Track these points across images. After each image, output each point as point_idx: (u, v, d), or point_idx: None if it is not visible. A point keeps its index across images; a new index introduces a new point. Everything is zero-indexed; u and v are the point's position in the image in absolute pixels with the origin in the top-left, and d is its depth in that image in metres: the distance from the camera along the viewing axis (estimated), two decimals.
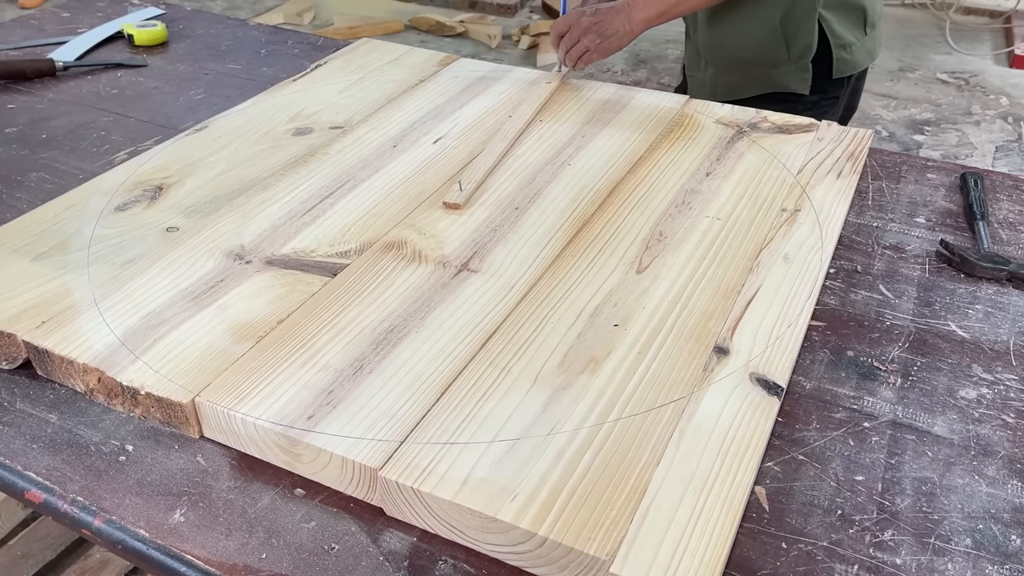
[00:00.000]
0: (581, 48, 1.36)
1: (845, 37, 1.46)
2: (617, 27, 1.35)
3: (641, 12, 1.35)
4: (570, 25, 1.36)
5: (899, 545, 0.70)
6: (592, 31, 1.35)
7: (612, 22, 1.35)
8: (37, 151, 1.27)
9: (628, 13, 1.35)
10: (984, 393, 0.85)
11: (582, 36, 1.35)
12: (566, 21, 1.38)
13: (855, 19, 1.47)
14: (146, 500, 0.75)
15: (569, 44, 1.37)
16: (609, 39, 1.35)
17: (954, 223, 1.12)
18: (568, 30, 1.36)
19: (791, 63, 1.46)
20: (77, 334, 0.87)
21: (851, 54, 1.48)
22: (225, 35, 1.69)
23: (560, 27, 1.38)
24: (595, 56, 1.37)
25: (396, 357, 0.84)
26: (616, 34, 1.35)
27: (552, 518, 0.68)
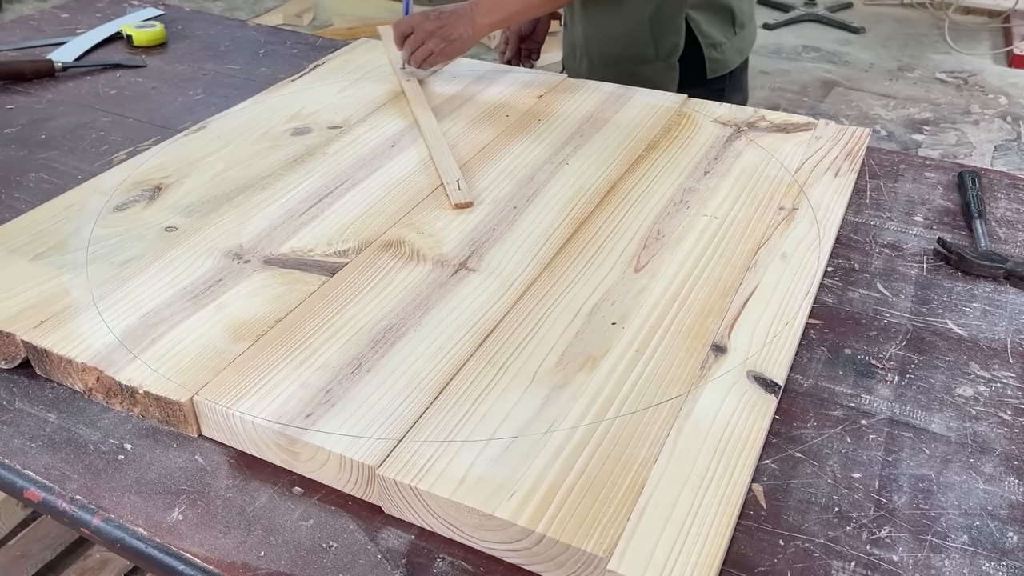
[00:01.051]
0: (426, 51, 1.36)
1: (714, 37, 1.48)
2: (460, 31, 1.35)
3: (484, 17, 1.36)
4: (413, 27, 1.37)
5: (896, 542, 0.71)
6: (436, 35, 1.35)
7: (456, 26, 1.36)
8: (36, 151, 1.27)
9: (471, 17, 1.36)
10: (981, 391, 0.85)
11: (426, 39, 1.36)
12: (409, 23, 1.38)
13: (723, 19, 1.48)
14: (145, 498, 0.75)
15: (414, 46, 1.37)
16: (453, 43, 1.36)
17: (952, 221, 1.12)
18: (412, 32, 1.37)
19: (659, 61, 1.48)
20: (76, 333, 0.87)
21: (722, 53, 1.49)
22: (224, 36, 1.70)
23: (403, 28, 1.38)
24: (439, 59, 1.38)
25: (394, 356, 0.84)
26: (460, 38, 1.36)
27: (550, 515, 0.68)
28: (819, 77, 3.83)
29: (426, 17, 1.37)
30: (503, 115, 1.32)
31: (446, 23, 1.36)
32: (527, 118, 1.31)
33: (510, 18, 1.40)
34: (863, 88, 3.73)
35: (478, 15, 1.36)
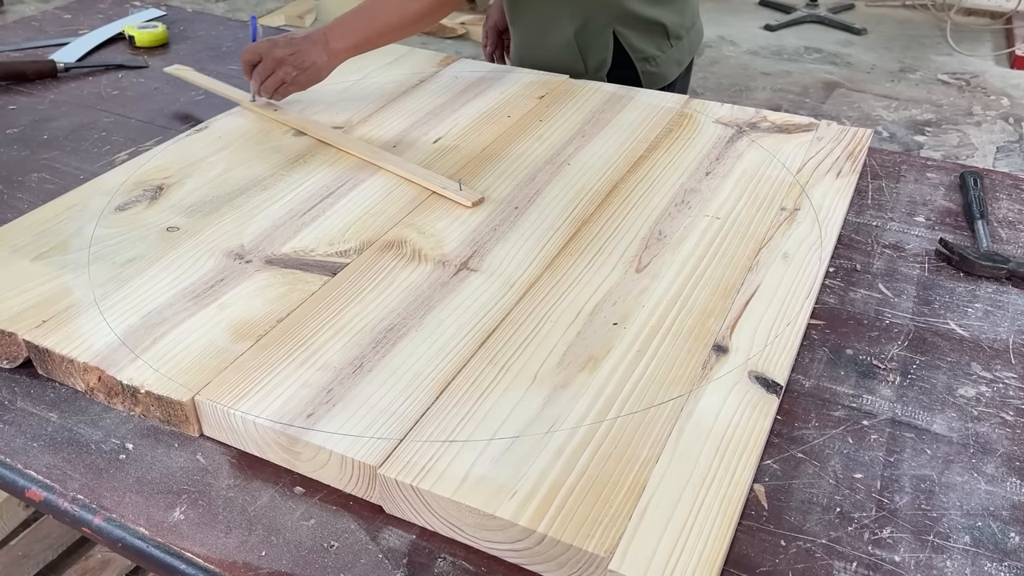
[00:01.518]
0: (276, 80, 1.25)
1: (646, 51, 1.45)
2: (315, 58, 1.26)
3: (339, 41, 1.27)
4: (261, 55, 1.26)
5: (898, 542, 0.70)
6: (288, 63, 1.25)
7: (309, 53, 1.26)
8: (38, 151, 1.27)
9: (325, 43, 1.26)
10: (983, 391, 0.85)
11: (276, 68, 1.25)
12: (256, 50, 1.27)
13: (655, 33, 1.45)
14: (146, 498, 0.75)
15: (263, 75, 1.26)
16: (307, 71, 1.26)
17: (953, 222, 1.12)
18: (260, 60, 1.26)
19: (588, 75, 1.47)
20: (77, 333, 0.87)
21: (657, 66, 1.47)
22: (226, 36, 1.70)
23: (250, 56, 1.27)
24: (292, 88, 1.27)
25: (395, 355, 0.84)
26: (314, 65, 1.26)
27: (551, 515, 0.68)
28: (821, 78, 3.83)
29: (275, 44, 1.26)
30: (505, 115, 1.32)
31: (298, 49, 1.25)
32: (529, 118, 1.31)
33: (369, 41, 1.29)
34: (865, 89, 3.73)
35: (333, 39, 1.27)
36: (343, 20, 1.29)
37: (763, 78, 3.84)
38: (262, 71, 1.26)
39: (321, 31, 1.27)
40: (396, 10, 1.28)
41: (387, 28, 1.29)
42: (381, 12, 1.28)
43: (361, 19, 1.29)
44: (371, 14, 1.29)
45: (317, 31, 1.27)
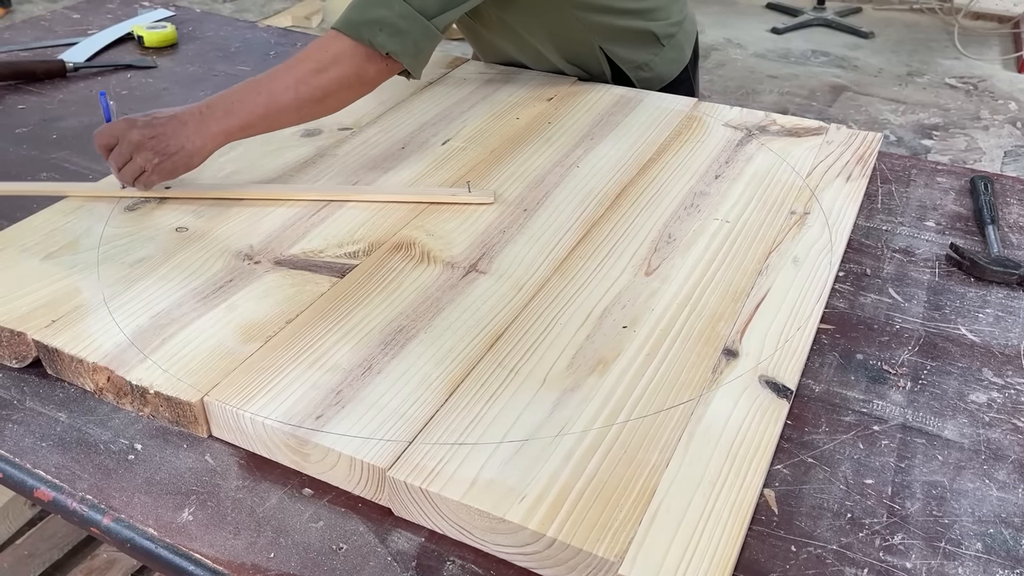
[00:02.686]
0: (135, 168, 1.05)
1: (637, 59, 1.41)
2: (182, 143, 1.05)
3: (219, 123, 1.06)
4: (117, 137, 1.05)
5: (909, 549, 0.70)
6: (147, 148, 1.04)
7: (175, 136, 1.05)
8: (47, 151, 1.27)
9: (200, 124, 1.06)
10: (994, 397, 0.85)
11: (135, 152, 1.04)
12: (111, 132, 1.06)
13: (643, 40, 1.40)
14: (155, 499, 0.75)
15: (120, 161, 1.06)
16: (171, 157, 1.04)
17: (964, 227, 1.11)
18: (116, 143, 1.06)
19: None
20: (86, 333, 0.87)
21: (651, 70, 1.43)
22: (234, 37, 1.70)
23: (106, 139, 1.06)
24: (155, 178, 1.06)
25: (405, 357, 0.84)
26: (181, 151, 1.05)
27: (561, 519, 0.68)
28: (828, 82, 3.83)
29: (132, 124, 1.05)
30: (514, 117, 1.32)
31: (161, 132, 1.04)
32: (538, 121, 1.31)
33: (253, 125, 1.08)
34: (872, 93, 3.72)
35: (211, 119, 1.06)
36: (226, 96, 1.08)
37: (770, 81, 3.83)
38: (118, 156, 1.05)
39: (195, 109, 1.07)
40: (290, 87, 1.08)
41: (275, 109, 1.08)
42: (273, 90, 1.08)
43: (249, 96, 1.08)
44: (260, 92, 1.08)
45: (189, 109, 1.07)
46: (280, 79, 1.08)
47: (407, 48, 1.12)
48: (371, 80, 1.14)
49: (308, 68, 1.09)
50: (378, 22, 1.09)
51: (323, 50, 1.10)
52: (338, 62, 1.09)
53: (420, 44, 1.13)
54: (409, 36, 1.11)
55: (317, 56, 1.09)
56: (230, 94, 1.08)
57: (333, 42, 1.10)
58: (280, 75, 1.09)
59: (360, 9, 1.11)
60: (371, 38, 1.09)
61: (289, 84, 1.08)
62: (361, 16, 1.10)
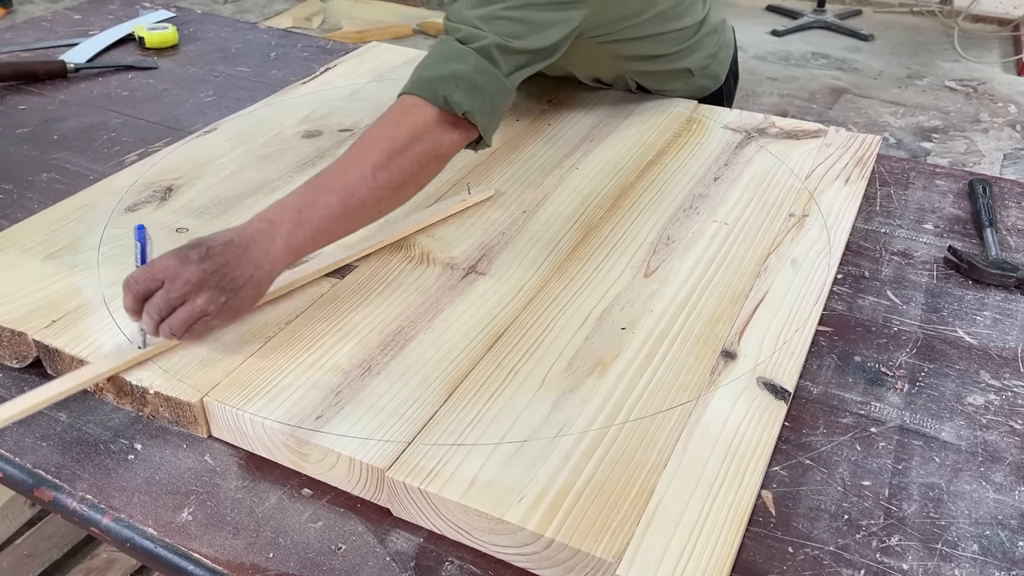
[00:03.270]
0: (194, 313, 0.81)
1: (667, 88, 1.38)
2: (250, 271, 0.84)
3: (286, 238, 0.86)
4: (164, 279, 0.81)
5: (906, 550, 0.70)
6: (210, 285, 0.82)
7: (240, 265, 0.84)
8: (48, 152, 1.27)
9: (266, 244, 0.85)
10: (992, 399, 0.85)
11: (193, 294, 0.81)
12: (154, 274, 0.81)
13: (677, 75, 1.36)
14: (154, 499, 0.75)
15: (167, 308, 0.81)
16: (240, 291, 0.84)
17: (962, 229, 1.12)
18: (161, 286, 0.81)
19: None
20: (87, 334, 0.87)
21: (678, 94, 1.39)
22: (235, 38, 1.70)
23: (144, 284, 0.81)
24: (217, 322, 0.85)
25: (404, 358, 0.85)
26: (250, 282, 0.84)
27: (559, 520, 0.68)
28: (828, 84, 3.83)
29: (184, 260, 0.82)
30: (513, 119, 1.32)
31: (224, 263, 0.83)
32: (537, 122, 1.31)
33: (329, 231, 0.90)
34: (872, 95, 3.72)
35: (276, 236, 0.86)
36: (289, 203, 0.89)
37: (770, 83, 3.83)
38: (165, 303, 0.81)
39: (255, 225, 0.87)
40: (366, 176, 0.92)
41: (357, 205, 0.92)
42: (346, 183, 0.91)
43: (318, 197, 0.90)
44: (332, 188, 0.90)
45: (249, 226, 0.87)
46: (352, 169, 0.92)
47: (484, 107, 0.99)
48: (446, 153, 1.00)
49: (383, 149, 0.93)
50: (454, 77, 0.97)
51: (395, 125, 0.96)
52: (415, 136, 0.95)
53: (495, 103, 1.01)
54: (486, 93, 0.99)
55: (390, 133, 0.95)
56: (294, 200, 0.89)
57: (405, 113, 0.97)
58: (351, 164, 0.92)
59: (431, 66, 1.00)
60: (447, 95, 0.96)
61: (365, 173, 0.91)
62: (433, 72, 0.98)
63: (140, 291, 0.81)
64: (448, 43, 1.02)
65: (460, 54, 1.00)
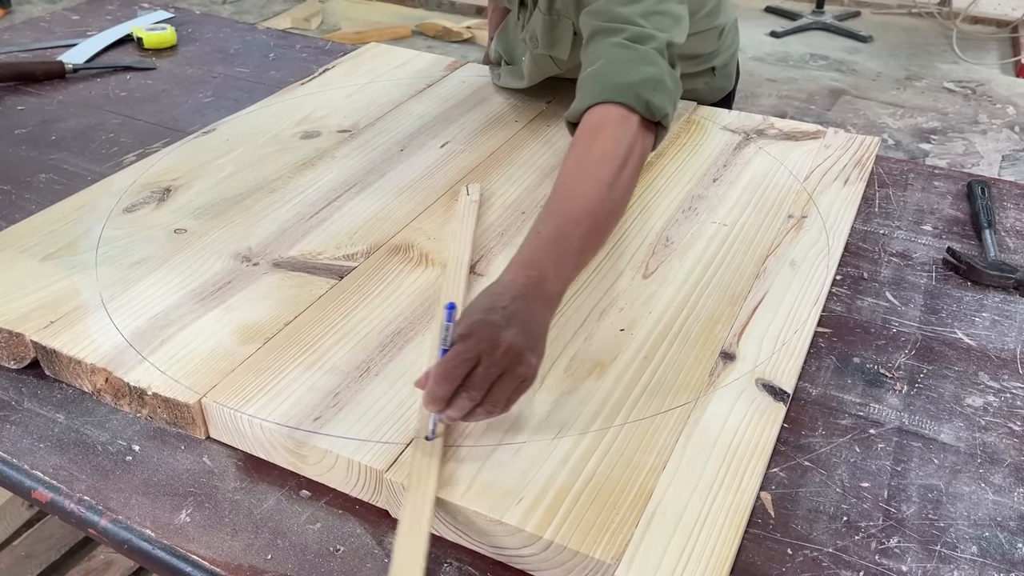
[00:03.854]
0: (515, 382, 0.73)
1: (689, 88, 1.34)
2: (541, 321, 0.77)
3: (555, 282, 0.80)
4: (479, 356, 0.71)
5: (905, 552, 0.70)
6: (525, 347, 0.73)
7: (535, 316, 0.76)
8: (46, 152, 1.27)
9: (539, 293, 0.77)
10: (991, 401, 0.85)
11: (515, 363, 0.72)
12: (470, 354, 0.71)
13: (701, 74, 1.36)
14: (152, 500, 0.75)
15: (483, 386, 0.71)
16: (540, 346, 0.76)
17: (961, 231, 1.12)
18: (478, 364, 0.71)
19: None
20: (85, 334, 0.87)
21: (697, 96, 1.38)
22: (233, 39, 1.70)
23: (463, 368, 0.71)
24: (527, 386, 0.74)
25: (402, 360, 0.84)
26: (544, 333, 0.77)
27: (558, 521, 0.68)
28: (826, 85, 3.83)
29: (494, 328, 0.72)
30: (512, 120, 1.32)
31: (527, 320, 0.75)
32: (536, 123, 1.31)
33: (586, 258, 0.85)
34: (870, 97, 3.73)
35: (546, 282, 0.79)
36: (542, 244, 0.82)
37: (768, 84, 3.84)
38: (486, 379, 0.71)
39: (523, 277, 0.78)
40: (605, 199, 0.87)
41: (603, 228, 0.88)
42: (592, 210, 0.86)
43: (570, 231, 0.83)
44: (580, 221, 0.84)
45: (516, 279, 0.78)
46: (590, 192, 0.87)
47: (674, 108, 0.97)
48: (645, 159, 0.95)
49: (612, 168, 0.88)
50: (650, 81, 0.95)
51: (615, 140, 0.91)
52: (630, 147, 0.91)
53: (676, 102, 0.99)
54: (673, 94, 0.97)
55: (613, 149, 0.90)
56: (545, 236, 0.82)
57: (617, 125, 0.93)
58: (587, 187, 0.87)
59: (624, 72, 0.95)
60: (649, 99, 0.93)
61: (602, 195, 0.87)
62: (629, 78, 0.94)
63: (461, 374, 0.70)
64: (627, 47, 0.98)
65: (646, 56, 0.97)
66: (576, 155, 0.91)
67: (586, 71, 0.99)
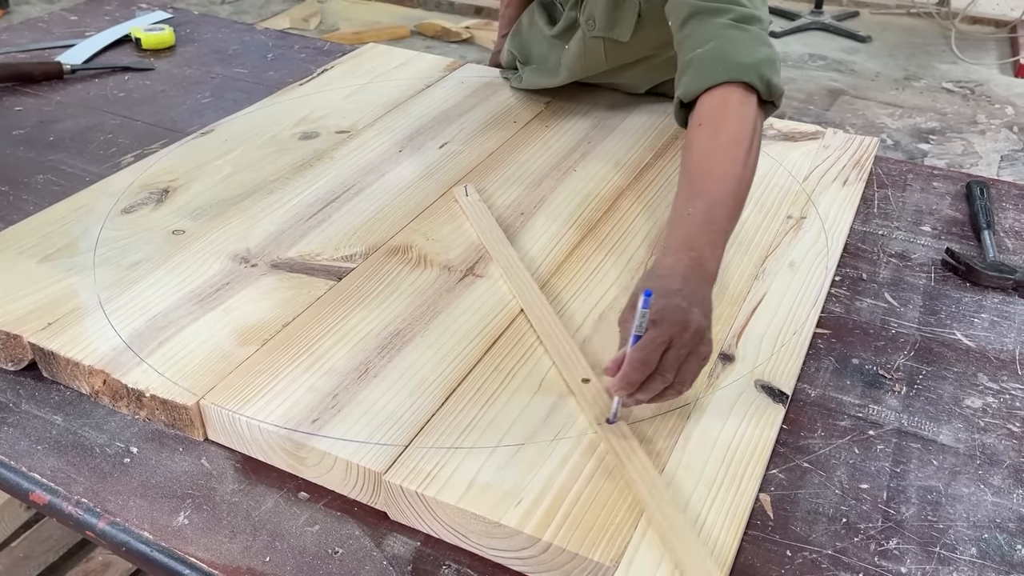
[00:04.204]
0: (700, 360, 0.77)
1: None
2: (709, 299, 0.81)
3: (713, 258, 0.84)
4: (671, 338, 0.74)
5: (904, 554, 0.70)
6: (708, 327, 0.77)
7: (706, 296, 0.81)
8: (44, 153, 1.27)
9: (704, 267, 0.82)
10: (990, 402, 0.85)
11: (699, 343, 0.76)
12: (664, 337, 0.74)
13: None
14: (150, 502, 0.74)
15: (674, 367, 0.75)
16: (710, 321, 0.79)
17: (960, 232, 1.12)
18: (670, 345, 0.74)
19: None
20: (83, 336, 0.87)
21: None
22: (232, 39, 1.70)
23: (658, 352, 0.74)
24: (706, 363, 0.78)
25: (401, 361, 0.84)
26: (711, 310, 0.80)
27: (556, 523, 0.68)
28: (825, 85, 3.83)
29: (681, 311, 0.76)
30: (511, 121, 1.32)
31: (703, 300, 0.79)
32: (535, 124, 1.31)
33: (727, 240, 0.87)
34: (869, 97, 3.73)
35: (706, 261, 0.83)
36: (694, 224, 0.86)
37: None
38: (677, 360, 0.75)
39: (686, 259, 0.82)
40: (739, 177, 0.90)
41: (743, 196, 0.91)
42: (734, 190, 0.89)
43: (719, 210, 0.87)
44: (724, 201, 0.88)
45: (679, 261, 0.82)
46: (729, 172, 0.90)
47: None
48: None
49: (743, 148, 0.92)
50: (768, 61, 0.97)
51: (742, 120, 0.94)
52: (755, 126, 0.95)
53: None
54: (780, 72, 0.99)
55: (742, 130, 0.93)
56: (695, 219, 0.86)
57: (742, 105, 0.95)
58: (725, 168, 0.90)
59: (746, 52, 0.97)
60: (770, 79, 0.96)
61: (738, 174, 0.90)
62: (751, 58, 0.96)
63: (657, 359, 0.74)
64: (739, 27, 0.99)
65: (759, 37, 1.00)
66: (707, 136, 0.94)
67: (695, 52, 1.00)
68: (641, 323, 0.73)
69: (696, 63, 0.99)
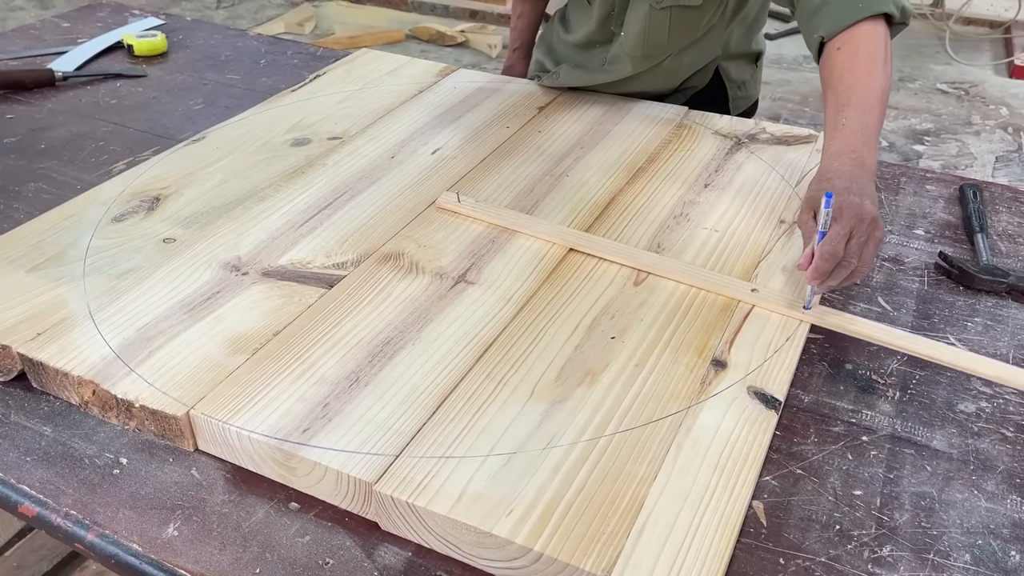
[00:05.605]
0: (876, 243, 0.90)
1: (740, 78, 1.45)
2: (873, 190, 0.94)
3: (870, 157, 0.97)
4: (852, 228, 0.88)
5: (898, 561, 0.70)
6: (875, 215, 0.91)
7: (868, 187, 0.94)
8: (35, 161, 1.26)
9: (864, 163, 0.96)
10: (983, 407, 0.85)
11: (875, 229, 0.90)
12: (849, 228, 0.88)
13: (750, 60, 1.45)
14: (140, 514, 0.74)
15: (858, 252, 0.89)
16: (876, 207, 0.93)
17: (953, 235, 1.11)
18: (851, 235, 0.88)
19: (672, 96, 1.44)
20: (72, 346, 0.86)
21: (746, 90, 1.47)
22: (224, 45, 1.70)
23: (843, 241, 0.88)
24: (879, 245, 0.93)
25: (392, 370, 0.84)
26: (876, 198, 0.95)
27: (548, 533, 0.68)
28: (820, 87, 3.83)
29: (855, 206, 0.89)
30: (503, 126, 1.32)
31: (872, 191, 0.94)
32: (527, 129, 1.31)
33: (877, 138, 1.01)
34: None
35: (866, 160, 0.97)
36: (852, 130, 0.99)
37: (762, 87, 3.84)
38: (859, 246, 0.89)
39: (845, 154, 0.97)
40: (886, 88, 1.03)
41: (884, 113, 1.02)
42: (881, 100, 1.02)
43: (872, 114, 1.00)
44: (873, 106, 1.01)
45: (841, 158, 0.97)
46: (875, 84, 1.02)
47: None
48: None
49: (884, 59, 1.05)
50: None
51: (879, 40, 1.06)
52: (887, 44, 1.07)
53: None
54: None
55: (880, 49, 1.05)
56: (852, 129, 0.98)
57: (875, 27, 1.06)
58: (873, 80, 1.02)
59: None
60: (903, 6, 1.08)
61: (884, 84, 1.03)
62: None
63: (842, 249, 0.87)
64: None
65: None
66: (846, 56, 1.05)
67: None
68: (825, 220, 0.87)
69: (833, 1, 1.08)
